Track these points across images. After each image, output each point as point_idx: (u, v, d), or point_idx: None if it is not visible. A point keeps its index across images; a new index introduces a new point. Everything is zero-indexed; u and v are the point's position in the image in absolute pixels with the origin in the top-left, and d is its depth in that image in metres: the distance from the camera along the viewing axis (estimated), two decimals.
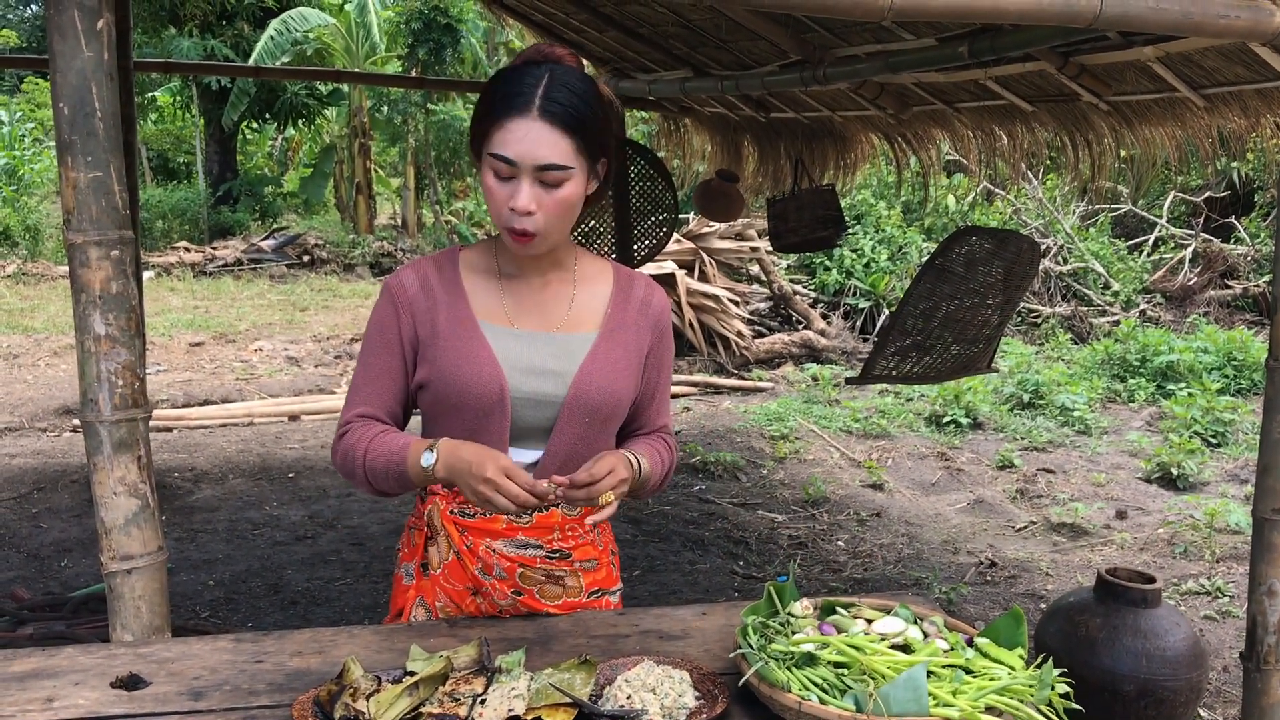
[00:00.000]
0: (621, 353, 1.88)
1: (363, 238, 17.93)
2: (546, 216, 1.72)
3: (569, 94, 1.69)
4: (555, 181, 1.70)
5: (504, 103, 1.69)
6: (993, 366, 4.51)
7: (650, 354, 1.94)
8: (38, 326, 11.43)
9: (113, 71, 1.81)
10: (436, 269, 1.88)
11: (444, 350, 1.82)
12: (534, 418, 1.84)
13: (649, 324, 1.93)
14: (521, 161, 1.68)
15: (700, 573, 5.05)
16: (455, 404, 1.82)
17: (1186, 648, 2.21)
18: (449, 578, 1.91)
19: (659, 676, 1.54)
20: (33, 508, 5.77)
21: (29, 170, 19.00)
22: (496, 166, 1.70)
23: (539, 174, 1.69)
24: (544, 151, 1.68)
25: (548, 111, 1.67)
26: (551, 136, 1.67)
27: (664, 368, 1.99)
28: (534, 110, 1.67)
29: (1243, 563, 5.16)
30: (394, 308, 1.86)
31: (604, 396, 1.84)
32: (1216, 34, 1.99)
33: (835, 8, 1.78)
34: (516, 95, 1.69)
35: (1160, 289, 11.96)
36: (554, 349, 1.84)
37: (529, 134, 1.67)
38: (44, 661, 1.70)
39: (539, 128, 1.67)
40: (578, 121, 1.69)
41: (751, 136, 6.14)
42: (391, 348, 1.86)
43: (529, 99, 1.68)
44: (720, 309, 10.07)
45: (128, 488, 1.87)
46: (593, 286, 1.91)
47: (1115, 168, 4.16)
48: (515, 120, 1.67)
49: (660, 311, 1.96)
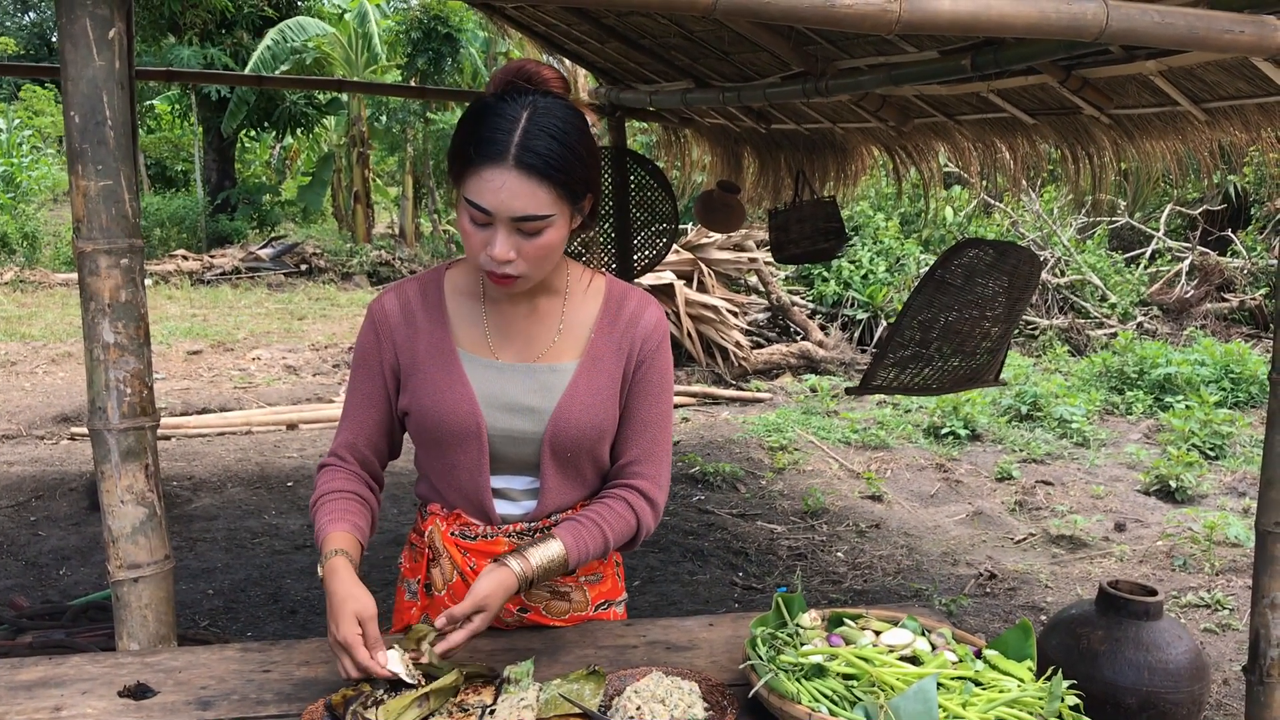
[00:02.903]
0: (604, 381, 1.81)
1: (360, 246, 17.94)
2: (527, 262, 1.65)
3: (547, 140, 1.58)
4: (534, 231, 1.63)
5: (479, 149, 1.59)
6: (1000, 380, 4.49)
7: (630, 380, 1.83)
8: (35, 334, 11.42)
9: (124, 80, 1.81)
10: (420, 292, 1.85)
11: (423, 382, 1.80)
12: (514, 453, 1.81)
13: (633, 346, 1.82)
14: (497, 213, 1.60)
15: (700, 583, 5.05)
16: (434, 436, 1.81)
17: (1188, 660, 2.21)
18: (454, 598, 1.88)
19: (668, 687, 1.54)
20: (31, 515, 5.76)
21: (26, 177, 19.02)
22: (472, 213, 1.63)
23: (516, 224, 1.61)
24: (520, 204, 1.59)
25: (524, 162, 1.57)
26: (528, 188, 1.58)
27: (648, 397, 1.84)
28: (509, 160, 1.57)
29: (1242, 575, 5.17)
30: (375, 334, 1.84)
31: (580, 432, 1.78)
32: (1221, 49, 2.00)
33: (843, 21, 1.79)
34: (490, 142, 1.58)
35: (1157, 302, 11.99)
36: (534, 383, 1.80)
37: (505, 185, 1.58)
38: (51, 670, 1.70)
39: (514, 179, 1.57)
40: (557, 169, 1.59)
41: (752, 147, 6.15)
42: (373, 374, 1.84)
43: (504, 147, 1.57)
44: (719, 319, 10.08)
45: (135, 496, 1.87)
46: (581, 309, 1.84)
47: (1115, 181, 4.18)
48: (490, 169, 1.58)
49: (649, 332, 1.83)
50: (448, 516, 1.87)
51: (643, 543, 1.88)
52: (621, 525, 1.81)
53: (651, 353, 1.83)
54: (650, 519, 1.84)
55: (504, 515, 1.84)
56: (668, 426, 1.88)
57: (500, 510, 1.84)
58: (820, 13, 1.77)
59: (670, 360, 1.89)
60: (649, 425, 1.84)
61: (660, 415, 1.86)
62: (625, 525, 1.81)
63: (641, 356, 1.83)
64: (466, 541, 1.85)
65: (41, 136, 23.57)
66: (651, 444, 1.85)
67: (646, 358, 1.83)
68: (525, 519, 1.84)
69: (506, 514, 1.84)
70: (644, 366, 1.83)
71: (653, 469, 1.85)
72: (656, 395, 1.85)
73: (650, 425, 1.85)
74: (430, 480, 1.90)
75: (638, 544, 1.86)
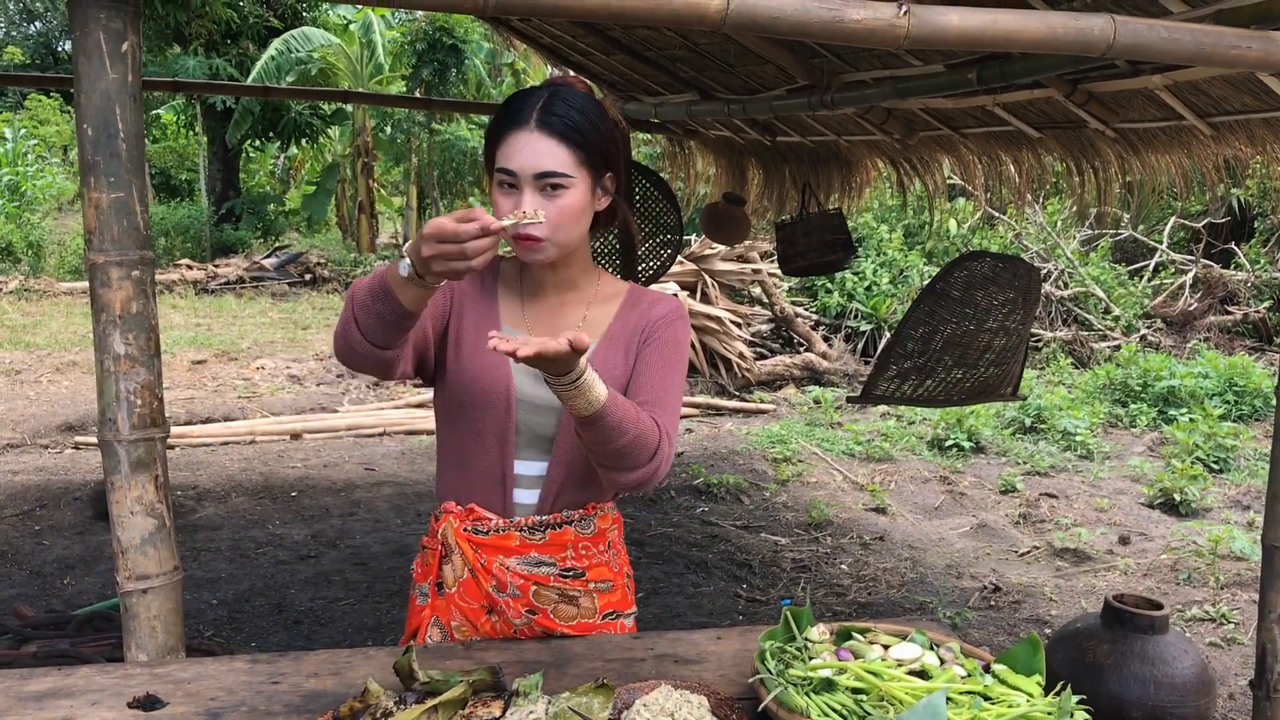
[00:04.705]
0: (619, 358, 1.89)
1: (365, 256, 17.98)
2: (550, 223, 1.77)
3: (566, 107, 1.78)
4: (556, 189, 1.76)
5: (505, 121, 1.79)
6: (1018, 394, 4.46)
7: (641, 352, 1.89)
8: (40, 343, 11.43)
9: (136, 93, 1.82)
10: (479, 274, 1.93)
11: (466, 343, 1.91)
12: (537, 423, 1.88)
13: (646, 324, 1.91)
14: (521, 172, 1.75)
15: (704, 595, 5.04)
16: (465, 400, 1.89)
17: (1194, 675, 2.21)
18: (464, 596, 1.93)
19: (677, 701, 1.54)
20: (35, 525, 5.76)
21: (31, 186, 19.08)
22: (501, 180, 1.78)
23: (539, 182, 1.75)
24: (542, 161, 1.75)
25: (544, 123, 1.76)
26: (548, 146, 1.75)
27: (655, 364, 1.87)
28: (531, 123, 1.76)
29: (1247, 589, 5.16)
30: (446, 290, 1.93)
31: None
32: (1228, 64, 2.01)
33: (852, 36, 1.80)
34: (516, 113, 1.79)
35: (1161, 314, 11.99)
36: None
37: (527, 144, 1.75)
38: (60, 681, 1.70)
39: (536, 138, 1.75)
40: (575, 131, 1.77)
41: (756, 160, 6.17)
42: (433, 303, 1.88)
43: (528, 114, 1.77)
44: (722, 330, 10.09)
45: (144, 507, 1.87)
46: (605, 305, 1.95)
47: (1119, 194, 4.18)
48: (515, 134, 1.77)
49: (662, 314, 1.92)
50: (461, 513, 1.92)
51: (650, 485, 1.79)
52: (646, 422, 1.75)
53: (662, 326, 1.90)
54: (666, 446, 1.78)
55: (517, 504, 1.91)
56: (676, 390, 1.88)
57: (514, 498, 1.90)
58: (829, 27, 1.78)
59: (684, 337, 1.93)
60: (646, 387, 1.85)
61: (666, 384, 1.86)
62: (649, 425, 1.75)
63: (650, 330, 1.90)
64: (479, 537, 1.91)
65: (46, 146, 23.65)
66: (659, 394, 1.84)
67: (656, 330, 1.90)
68: (535, 510, 1.90)
69: (520, 502, 1.91)
70: (653, 337, 1.90)
71: (661, 414, 1.81)
72: (663, 361, 1.88)
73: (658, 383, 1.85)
74: (453, 465, 1.94)
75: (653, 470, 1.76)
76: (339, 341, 1.77)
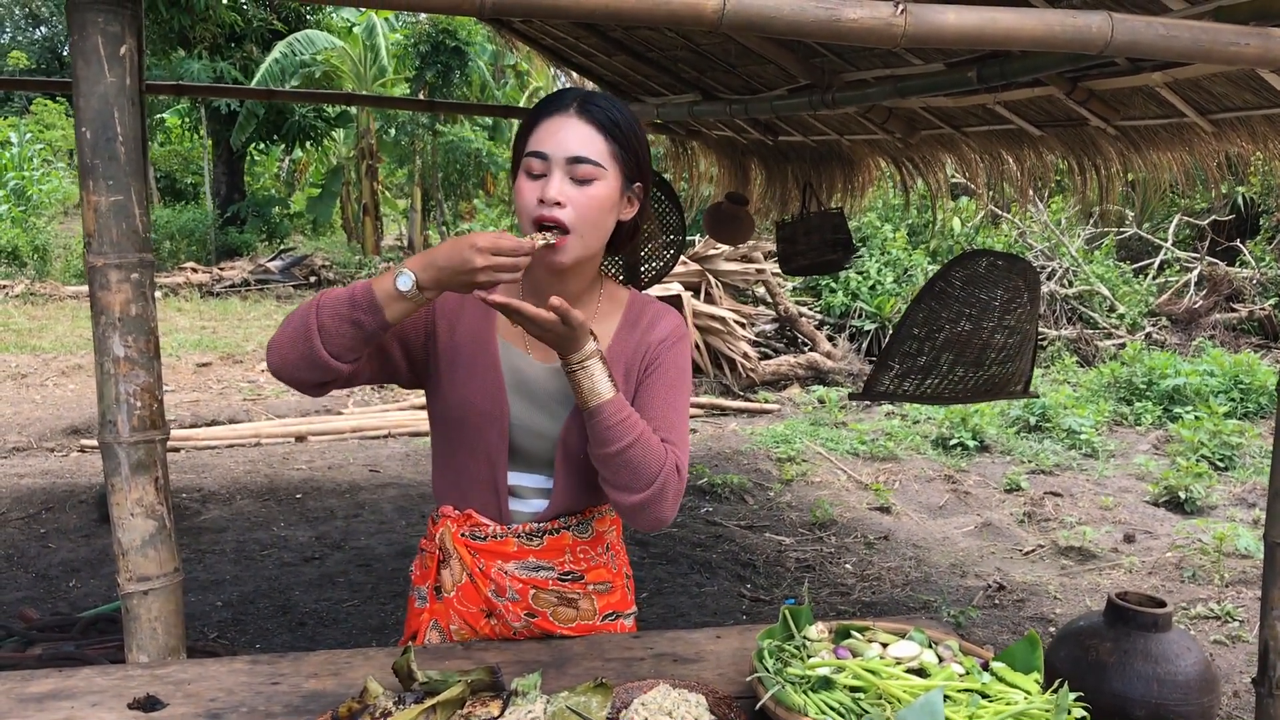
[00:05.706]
0: (618, 380, 1.80)
1: (369, 259, 18.01)
2: (576, 212, 1.70)
3: (609, 104, 1.76)
4: (586, 178, 1.71)
5: (543, 109, 1.75)
6: (1030, 391, 4.44)
7: (643, 382, 1.84)
8: (46, 346, 11.47)
9: (134, 97, 1.83)
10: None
11: (459, 365, 1.85)
12: (532, 446, 1.86)
13: (647, 350, 1.85)
14: (554, 154, 1.70)
15: (708, 595, 5.04)
16: (459, 417, 1.86)
17: (1198, 673, 2.20)
18: (462, 600, 1.92)
19: (675, 700, 1.54)
20: (41, 528, 5.77)
21: (37, 191, 19.13)
22: (530, 164, 1.73)
23: (570, 167, 1.70)
24: (576, 145, 1.71)
25: (585, 110, 1.73)
26: (587, 132, 1.72)
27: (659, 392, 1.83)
28: (572, 109, 1.73)
29: (1252, 587, 5.15)
30: (429, 310, 1.85)
31: None
32: (1227, 61, 2.00)
33: (849, 35, 1.80)
34: (557, 99, 1.76)
35: (1165, 312, 11.97)
36: (558, 384, 1.84)
37: (564, 126, 1.72)
38: (61, 682, 1.71)
39: (575, 123, 1.72)
40: (614, 125, 1.73)
41: (759, 159, 6.17)
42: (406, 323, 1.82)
43: (569, 102, 1.74)
44: (726, 330, 10.09)
45: (145, 509, 1.88)
46: (605, 322, 1.88)
47: (1122, 192, 4.18)
48: (552, 118, 1.73)
49: (663, 336, 1.86)
50: (459, 518, 1.90)
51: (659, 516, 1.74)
52: (653, 439, 1.72)
53: (663, 352, 1.85)
54: (675, 478, 1.74)
55: (515, 512, 1.89)
56: (683, 416, 1.84)
57: (512, 507, 1.88)
58: (826, 27, 1.78)
59: (686, 360, 1.89)
60: (664, 411, 1.81)
61: (672, 403, 1.83)
62: (655, 442, 1.72)
63: (652, 357, 1.85)
64: (476, 543, 1.89)
65: (52, 150, 23.69)
66: (666, 424, 1.80)
67: (658, 356, 1.85)
68: (535, 519, 1.88)
69: (517, 510, 1.89)
70: (655, 364, 1.85)
71: (672, 437, 1.79)
72: (668, 387, 1.84)
73: (664, 412, 1.81)
74: (447, 474, 1.92)
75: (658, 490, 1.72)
76: (286, 349, 1.68)
